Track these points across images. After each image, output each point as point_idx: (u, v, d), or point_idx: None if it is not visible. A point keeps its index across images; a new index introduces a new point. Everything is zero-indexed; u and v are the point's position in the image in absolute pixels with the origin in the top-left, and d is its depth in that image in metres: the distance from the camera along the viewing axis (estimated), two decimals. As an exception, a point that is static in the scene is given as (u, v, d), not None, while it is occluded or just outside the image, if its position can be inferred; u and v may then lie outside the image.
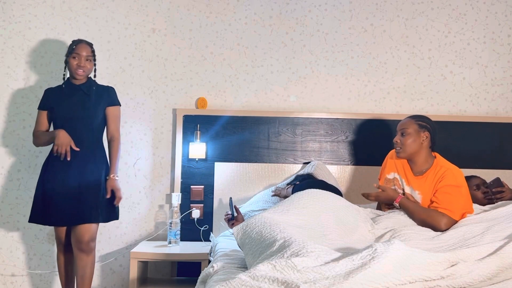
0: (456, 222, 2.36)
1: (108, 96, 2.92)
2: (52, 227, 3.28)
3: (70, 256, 2.86)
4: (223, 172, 3.27)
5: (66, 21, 3.36)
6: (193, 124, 3.30)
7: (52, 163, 2.80)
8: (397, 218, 2.38)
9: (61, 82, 2.98)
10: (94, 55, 2.88)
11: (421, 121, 2.59)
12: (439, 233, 2.26)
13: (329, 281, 1.50)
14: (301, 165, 3.30)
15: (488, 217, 2.36)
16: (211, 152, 3.30)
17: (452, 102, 3.46)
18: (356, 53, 3.45)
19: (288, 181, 3.10)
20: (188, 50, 3.41)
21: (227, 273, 1.90)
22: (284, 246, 1.73)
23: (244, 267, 1.97)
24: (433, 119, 2.69)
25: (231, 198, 2.83)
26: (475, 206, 2.51)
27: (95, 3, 3.38)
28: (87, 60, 2.84)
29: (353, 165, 3.33)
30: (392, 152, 2.71)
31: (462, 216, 2.40)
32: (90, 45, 2.89)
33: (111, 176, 2.81)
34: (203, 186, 3.28)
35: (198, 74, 3.41)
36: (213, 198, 3.26)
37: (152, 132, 3.37)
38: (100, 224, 2.84)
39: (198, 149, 3.25)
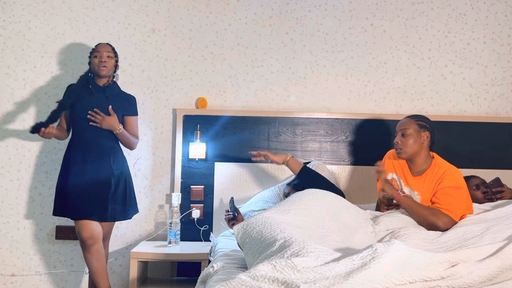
0: (455, 223, 2.35)
1: (128, 105, 3.00)
2: (53, 227, 3.30)
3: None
4: (223, 172, 3.27)
5: (66, 21, 3.36)
6: (193, 124, 3.30)
7: (74, 158, 2.85)
8: (397, 219, 2.38)
9: (61, 83, 2.98)
10: (115, 52, 2.95)
11: (421, 121, 2.59)
12: (439, 233, 2.26)
13: (329, 281, 1.50)
14: (301, 165, 3.30)
15: (488, 218, 2.36)
16: (211, 152, 3.30)
17: (452, 102, 3.46)
18: (356, 53, 3.45)
19: (288, 181, 3.09)
20: (188, 50, 3.41)
21: (227, 273, 1.90)
22: (284, 246, 1.73)
23: (244, 267, 1.97)
24: (433, 119, 2.70)
25: (232, 198, 2.83)
26: (475, 206, 2.51)
27: (95, 3, 3.38)
28: (108, 57, 2.90)
29: (353, 165, 3.32)
30: (390, 152, 2.71)
31: (462, 217, 2.40)
32: (110, 45, 2.98)
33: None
34: (203, 186, 3.28)
35: (198, 74, 3.41)
36: (213, 198, 3.26)
37: (152, 132, 3.37)
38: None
39: (198, 149, 3.25)
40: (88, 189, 2.79)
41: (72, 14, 3.37)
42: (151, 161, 3.36)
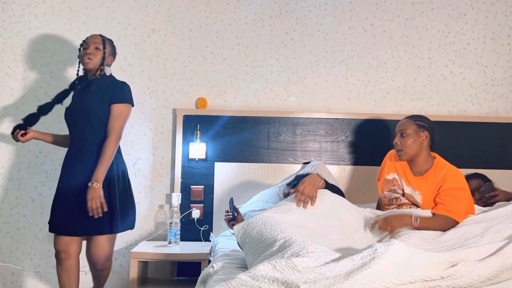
0: (457, 223, 2.36)
1: (114, 92, 2.61)
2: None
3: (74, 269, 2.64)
4: (223, 172, 3.27)
5: (66, 21, 3.36)
6: (193, 124, 3.30)
7: (66, 164, 2.65)
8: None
9: (60, 83, 2.98)
10: (104, 44, 2.66)
11: (419, 121, 2.58)
12: (439, 233, 2.26)
13: (329, 281, 1.50)
14: (301, 165, 3.30)
15: (488, 218, 2.36)
16: (211, 152, 3.30)
17: (452, 102, 3.46)
18: (356, 53, 3.45)
19: (288, 181, 3.09)
20: (188, 50, 3.41)
21: (227, 273, 1.90)
22: (284, 246, 1.73)
23: (244, 267, 1.97)
24: (433, 119, 2.69)
25: (231, 198, 2.83)
26: (476, 207, 2.52)
27: (95, 3, 3.38)
28: (96, 48, 2.63)
29: (353, 165, 3.32)
30: (391, 152, 2.71)
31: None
32: (101, 36, 2.71)
33: (89, 183, 2.46)
34: (203, 186, 3.28)
35: (198, 74, 3.41)
36: (213, 198, 3.27)
37: (152, 132, 3.37)
38: None
39: (198, 149, 3.25)
40: (71, 200, 2.53)
41: (72, 14, 3.37)
42: (151, 161, 3.36)
